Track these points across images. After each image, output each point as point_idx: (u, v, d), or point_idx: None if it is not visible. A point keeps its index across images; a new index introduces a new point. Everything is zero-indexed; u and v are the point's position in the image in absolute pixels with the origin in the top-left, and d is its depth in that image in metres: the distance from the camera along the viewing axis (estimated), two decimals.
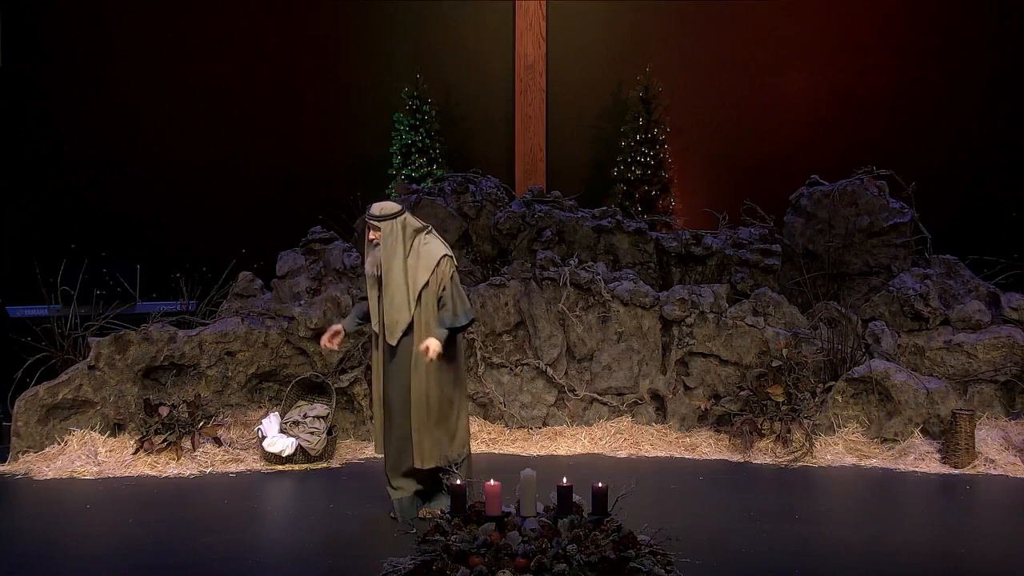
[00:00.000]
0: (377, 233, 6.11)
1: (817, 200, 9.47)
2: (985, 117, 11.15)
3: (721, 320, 8.62)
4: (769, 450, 7.93)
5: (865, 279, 9.29)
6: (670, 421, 8.56)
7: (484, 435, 8.37)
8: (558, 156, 11.56)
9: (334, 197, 9.96)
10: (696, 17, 11.53)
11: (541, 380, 8.67)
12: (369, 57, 11.52)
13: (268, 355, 8.46)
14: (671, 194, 11.17)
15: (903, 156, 10.37)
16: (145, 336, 8.14)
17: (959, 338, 8.52)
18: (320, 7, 11.47)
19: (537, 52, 11.51)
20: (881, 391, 8.09)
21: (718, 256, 9.34)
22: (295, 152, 11.32)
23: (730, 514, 6.47)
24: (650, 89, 11.20)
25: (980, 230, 10.50)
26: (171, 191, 11.06)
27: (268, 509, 6.76)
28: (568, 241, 9.37)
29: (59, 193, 10.90)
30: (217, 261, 9.11)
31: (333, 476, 7.53)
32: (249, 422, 8.25)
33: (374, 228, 6.12)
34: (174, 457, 7.63)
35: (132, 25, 11.14)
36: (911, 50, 11.32)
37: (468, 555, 4.93)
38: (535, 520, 5.23)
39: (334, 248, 9.10)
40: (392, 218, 6.11)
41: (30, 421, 7.81)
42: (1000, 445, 7.79)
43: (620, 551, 4.97)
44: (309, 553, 5.74)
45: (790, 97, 11.50)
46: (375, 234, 6.12)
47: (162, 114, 11.13)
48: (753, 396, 8.15)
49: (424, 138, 11.10)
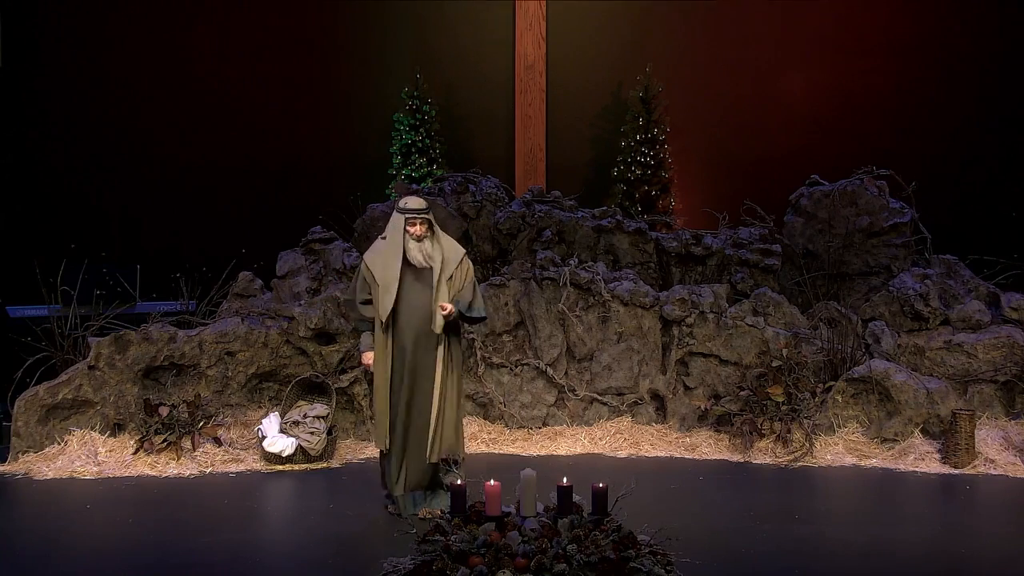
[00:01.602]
0: (424, 226, 6.25)
1: (817, 200, 9.47)
2: (985, 117, 11.15)
3: (721, 320, 8.62)
4: (769, 450, 7.93)
5: (865, 279, 9.29)
6: (670, 421, 8.56)
7: (484, 435, 8.37)
8: (558, 156, 11.56)
9: (334, 197, 9.96)
10: (696, 17, 11.53)
11: (541, 380, 8.67)
12: (369, 57, 11.52)
13: (268, 355, 8.46)
14: (671, 194, 11.17)
15: (903, 156, 10.37)
16: (145, 336, 8.14)
17: (959, 338, 8.52)
18: (320, 7, 11.47)
19: (537, 52, 11.50)
20: (881, 391, 8.09)
21: (718, 256, 9.34)
22: (295, 152, 11.31)
23: (730, 514, 6.47)
24: (650, 89, 11.19)
25: (980, 230, 10.50)
26: (171, 191, 11.05)
27: (268, 509, 6.76)
28: (568, 241, 9.37)
29: (59, 193, 10.90)
30: (217, 261, 9.10)
31: (333, 476, 7.53)
32: (249, 422, 8.24)
33: (422, 221, 6.24)
34: (174, 457, 7.63)
35: (132, 25, 11.14)
36: (911, 50, 11.31)
37: (468, 555, 4.93)
38: (535, 520, 5.23)
39: (334, 248, 9.10)
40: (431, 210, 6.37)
41: (30, 421, 7.81)
42: (1000, 445, 7.79)
43: (620, 551, 4.98)
44: (309, 553, 5.74)
45: (790, 97, 11.49)
46: (422, 227, 6.24)
47: (162, 114, 11.12)
48: (753, 396, 8.15)
49: (424, 138, 11.10)
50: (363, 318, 6.42)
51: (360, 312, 6.42)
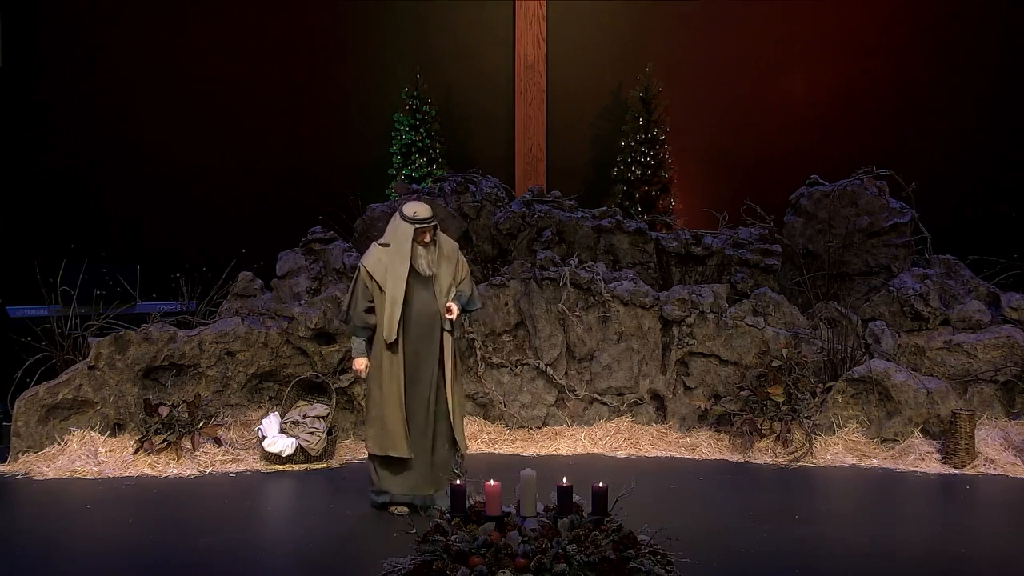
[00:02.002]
0: (431, 233, 6.27)
1: (817, 200, 9.47)
2: (985, 117, 11.15)
3: (721, 320, 8.62)
4: (769, 450, 7.94)
5: (865, 279, 9.29)
6: (670, 421, 8.56)
7: (484, 435, 8.37)
8: (558, 156, 11.56)
9: (334, 197, 9.95)
10: (696, 17, 11.52)
11: (541, 380, 8.67)
12: (369, 57, 11.52)
13: (268, 355, 8.46)
14: (671, 194, 11.16)
15: (903, 156, 10.37)
16: (145, 336, 8.14)
17: (959, 338, 8.52)
18: (320, 7, 11.46)
19: (537, 52, 11.50)
20: (881, 391, 8.09)
21: (718, 256, 9.34)
22: (295, 152, 11.31)
23: (730, 514, 6.47)
24: (650, 89, 11.19)
25: (980, 230, 10.49)
26: (171, 191, 11.05)
27: (268, 509, 6.76)
28: (568, 241, 9.37)
29: (59, 193, 10.89)
30: (217, 261, 9.10)
31: (333, 476, 7.53)
32: (249, 422, 8.25)
33: (431, 229, 6.26)
34: (174, 457, 7.63)
35: (132, 25, 11.13)
36: (911, 50, 11.31)
37: (468, 555, 4.93)
38: (535, 520, 5.23)
39: (334, 248, 9.10)
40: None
41: (30, 421, 7.81)
42: (1000, 445, 7.79)
43: (620, 551, 4.97)
44: (309, 553, 5.74)
45: (790, 97, 11.49)
46: (430, 235, 6.26)
47: (162, 114, 11.12)
48: (753, 396, 8.15)
49: (424, 138, 11.09)
50: (366, 325, 6.37)
51: (363, 320, 6.35)
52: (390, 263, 6.22)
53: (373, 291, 6.27)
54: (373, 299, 6.29)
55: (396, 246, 6.24)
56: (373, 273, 6.25)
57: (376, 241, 6.40)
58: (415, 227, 6.19)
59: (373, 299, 6.29)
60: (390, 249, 6.26)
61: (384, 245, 6.30)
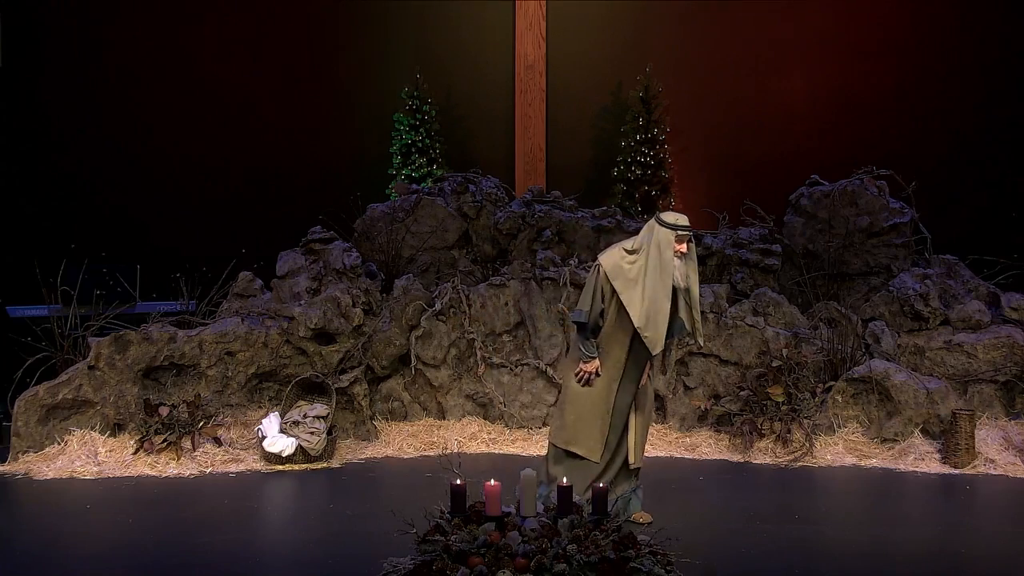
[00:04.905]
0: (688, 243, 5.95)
1: (817, 200, 9.47)
2: (985, 117, 11.14)
3: (721, 320, 8.62)
4: (769, 450, 7.94)
5: (865, 279, 9.29)
6: (670, 421, 8.56)
7: (484, 435, 8.37)
8: (558, 156, 11.55)
9: (334, 197, 9.95)
10: (696, 17, 11.52)
11: (541, 380, 8.67)
12: (369, 57, 11.52)
13: (268, 355, 8.45)
14: (671, 194, 11.17)
15: (903, 156, 10.36)
16: (145, 336, 8.14)
17: (959, 338, 8.52)
18: (320, 7, 11.47)
19: (537, 52, 11.50)
20: (881, 391, 8.09)
21: (718, 256, 9.34)
22: (295, 152, 11.31)
23: (730, 514, 6.47)
24: (650, 89, 11.19)
25: (980, 230, 10.49)
26: (171, 191, 11.05)
27: (268, 509, 6.76)
28: (568, 241, 9.37)
29: (59, 193, 10.90)
30: (217, 261, 9.09)
31: (333, 476, 7.53)
32: (249, 422, 8.24)
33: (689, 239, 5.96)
34: (174, 457, 7.63)
35: (132, 25, 11.14)
36: (911, 50, 11.31)
37: (468, 555, 4.94)
38: (535, 520, 5.23)
39: (334, 248, 9.09)
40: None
41: (30, 421, 7.81)
42: (1000, 445, 7.79)
43: (620, 551, 4.98)
44: (309, 553, 5.74)
45: (790, 97, 11.49)
46: (687, 245, 5.95)
47: (162, 114, 11.12)
48: (753, 396, 8.15)
49: (424, 138, 11.10)
50: (597, 327, 6.08)
51: (597, 322, 6.06)
52: (651, 273, 5.90)
53: (606, 294, 6.00)
54: (606, 304, 6.02)
55: (656, 255, 5.90)
56: (612, 278, 5.96)
57: (620, 244, 6.09)
58: (677, 234, 5.89)
59: (606, 304, 6.02)
60: (638, 256, 5.96)
61: (632, 252, 5.99)
